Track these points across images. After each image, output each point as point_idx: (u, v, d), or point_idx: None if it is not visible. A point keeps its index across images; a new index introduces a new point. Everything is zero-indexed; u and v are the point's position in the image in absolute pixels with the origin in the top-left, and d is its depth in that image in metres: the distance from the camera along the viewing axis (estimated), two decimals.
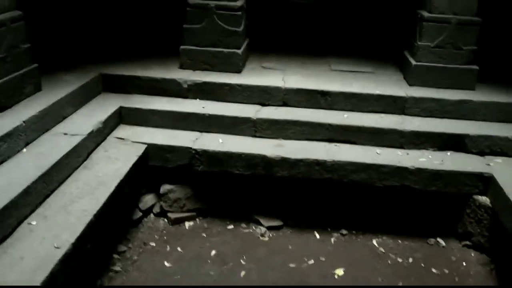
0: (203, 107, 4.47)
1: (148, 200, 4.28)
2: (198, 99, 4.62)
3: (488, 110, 4.49)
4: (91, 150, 3.89)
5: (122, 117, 4.42)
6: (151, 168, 4.16)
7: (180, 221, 4.24)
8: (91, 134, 3.86)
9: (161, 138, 4.22)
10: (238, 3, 4.78)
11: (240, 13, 4.79)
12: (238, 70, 4.86)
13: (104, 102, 4.45)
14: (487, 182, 3.91)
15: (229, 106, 4.55)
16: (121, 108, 4.39)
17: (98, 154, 3.91)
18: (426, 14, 4.69)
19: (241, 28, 4.84)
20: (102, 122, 4.05)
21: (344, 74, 5.04)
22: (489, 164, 4.04)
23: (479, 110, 4.49)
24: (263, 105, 4.60)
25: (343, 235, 4.17)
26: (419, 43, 4.73)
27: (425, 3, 4.79)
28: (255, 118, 4.35)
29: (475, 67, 4.70)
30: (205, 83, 4.61)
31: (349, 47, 5.80)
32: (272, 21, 5.97)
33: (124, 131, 4.32)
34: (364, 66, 5.29)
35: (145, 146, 4.09)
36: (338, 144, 4.28)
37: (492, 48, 5.05)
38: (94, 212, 3.17)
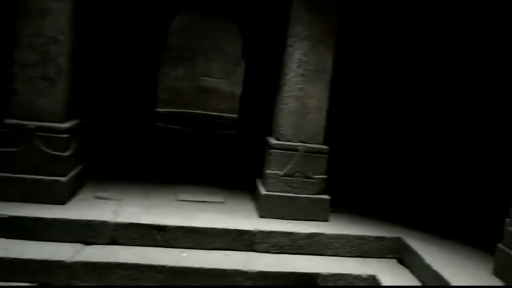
0: (5, 249, 3.56)
1: None
2: (3, 239, 3.71)
3: (341, 244, 4.13)
4: None
5: None
6: None
7: None
8: None
9: None
10: (65, 125, 4.16)
11: (66, 135, 4.16)
12: (61, 201, 4.09)
13: None
14: None
15: (42, 246, 3.68)
16: None
17: None
18: (273, 141, 4.44)
19: (67, 153, 4.16)
20: None
21: (191, 205, 4.49)
22: None
23: (331, 245, 4.12)
24: (87, 243, 3.81)
25: None
26: (268, 171, 4.40)
27: (273, 130, 4.58)
28: (70, 262, 3.52)
29: (327, 196, 4.43)
30: (12, 218, 3.74)
31: (202, 175, 5.35)
32: (118, 145, 5.43)
33: None
34: (215, 196, 4.81)
35: None
36: None
37: (343, 175, 4.89)
38: None
